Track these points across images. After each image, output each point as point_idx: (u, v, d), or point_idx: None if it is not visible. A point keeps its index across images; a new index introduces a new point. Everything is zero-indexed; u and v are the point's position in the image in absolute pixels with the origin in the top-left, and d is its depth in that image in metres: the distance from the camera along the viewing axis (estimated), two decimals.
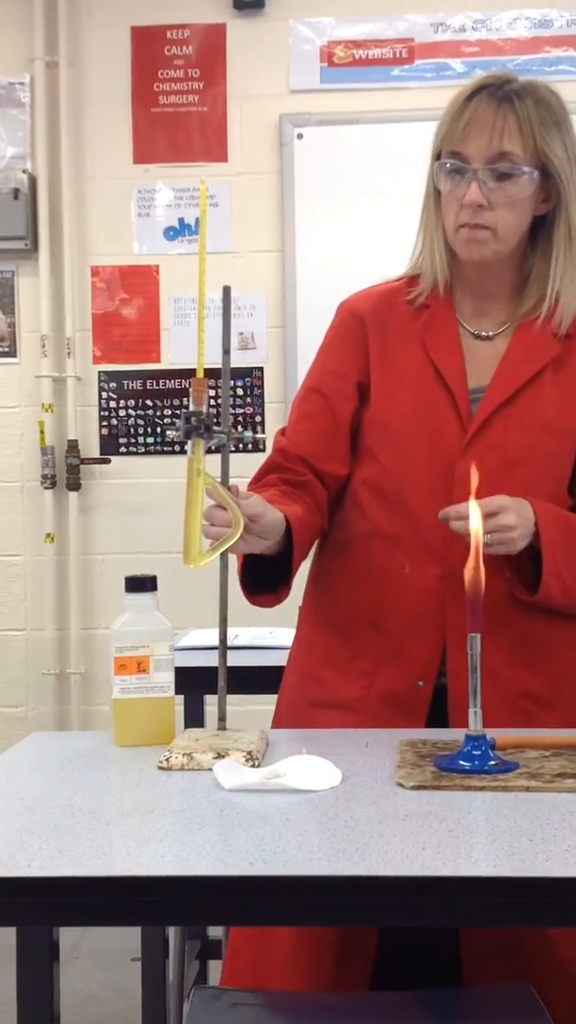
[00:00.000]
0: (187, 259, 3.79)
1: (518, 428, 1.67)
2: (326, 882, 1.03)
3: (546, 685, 1.68)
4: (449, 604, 1.64)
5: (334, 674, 1.69)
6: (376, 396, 1.73)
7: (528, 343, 1.70)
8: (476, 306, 1.74)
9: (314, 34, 3.76)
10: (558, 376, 1.70)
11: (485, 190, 1.63)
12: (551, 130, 1.66)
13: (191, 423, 1.43)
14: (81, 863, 1.06)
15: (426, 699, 1.65)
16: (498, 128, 1.63)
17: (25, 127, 3.82)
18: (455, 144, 1.65)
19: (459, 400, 1.68)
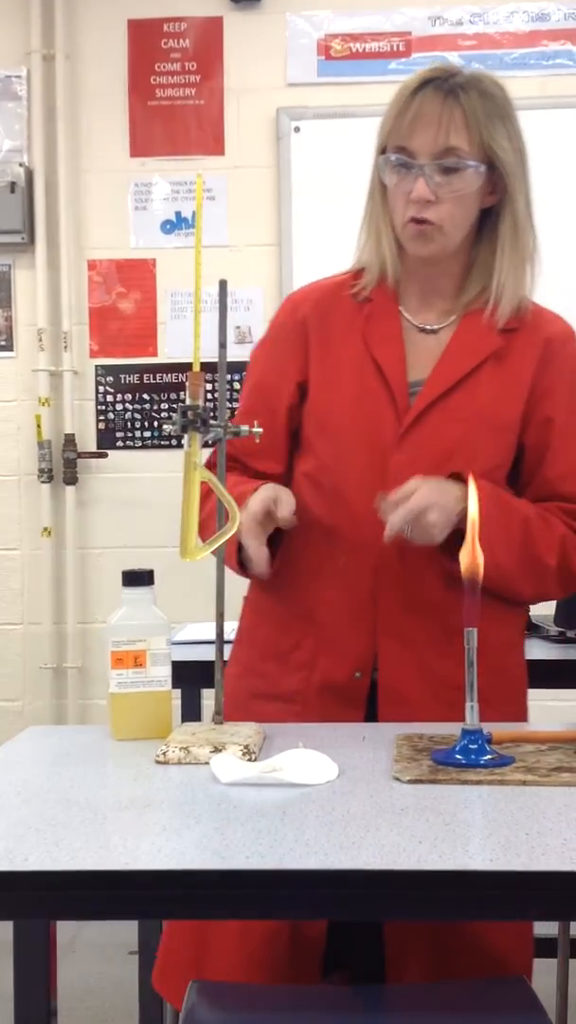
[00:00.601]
0: (184, 253, 3.78)
1: (454, 420, 1.67)
2: (323, 876, 1.03)
3: (485, 680, 1.68)
4: (381, 596, 1.66)
5: (275, 666, 1.70)
6: (315, 389, 1.73)
7: (470, 336, 1.71)
8: (422, 299, 1.75)
9: (311, 27, 3.75)
10: (498, 369, 1.70)
11: (432, 185, 1.64)
12: (496, 123, 1.66)
13: (187, 417, 1.43)
14: (78, 857, 1.06)
15: (364, 689, 1.67)
16: (444, 123, 1.63)
17: (22, 120, 3.81)
18: (401, 139, 1.65)
19: (396, 393, 1.69)
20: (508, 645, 1.76)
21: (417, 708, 1.63)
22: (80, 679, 3.84)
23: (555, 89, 3.68)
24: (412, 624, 1.66)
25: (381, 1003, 1.49)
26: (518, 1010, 1.42)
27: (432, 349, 1.72)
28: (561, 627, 2.37)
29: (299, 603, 1.70)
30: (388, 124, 1.68)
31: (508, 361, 1.70)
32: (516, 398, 1.70)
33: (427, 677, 1.65)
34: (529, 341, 1.72)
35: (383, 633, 1.66)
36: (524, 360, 1.71)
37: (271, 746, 1.43)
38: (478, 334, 1.71)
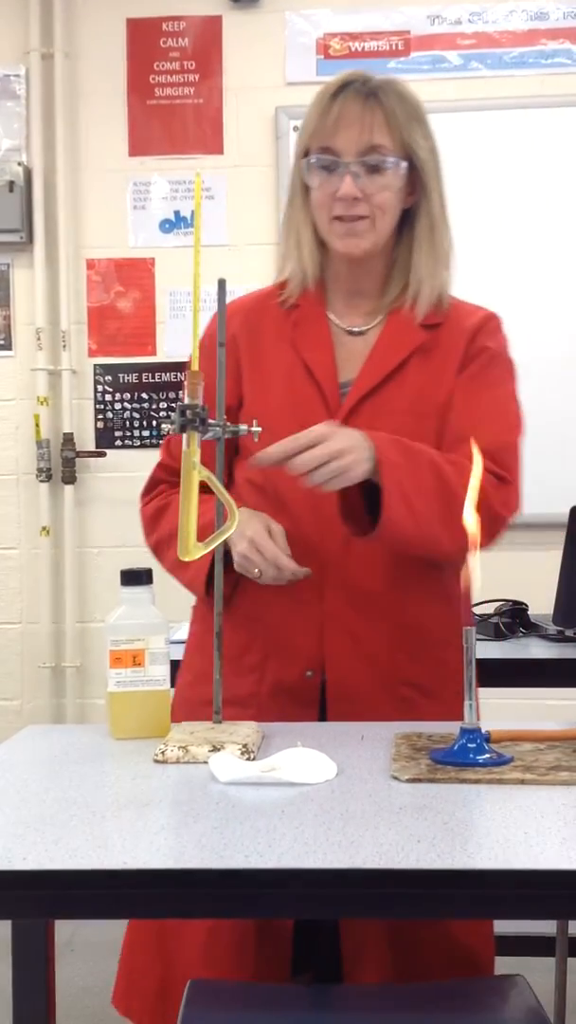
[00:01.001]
0: (183, 252, 3.78)
1: (383, 414, 1.68)
2: (321, 875, 1.03)
3: (428, 673, 1.70)
4: (327, 593, 1.67)
5: (226, 671, 1.66)
6: (249, 399, 1.75)
7: (395, 334, 1.74)
8: (347, 302, 1.78)
9: (310, 26, 3.75)
10: (424, 363, 1.73)
11: (359, 183, 1.67)
12: (414, 123, 1.71)
13: (186, 416, 1.43)
14: (76, 856, 1.06)
15: (316, 688, 1.67)
16: (367, 122, 1.67)
17: (20, 119, 3.81)
18: (325, 139, 1.68)
19: (328, 394, 1.71)
20: (453, 638, 1.76)
21: (367, 704, 1.65)
22: (78, 678, 3.84)
23: (554, 88, 3.68)
24: (359, 620, 1.67)
25: (380, 1001, 1.49)
26: (517, 1009, 1.42)
27: (361, 350, 1.75)
28: (559, 626, 2.37)
29: (246, 607, 1.70)
30: (310, 127, 1.71)
31: (434, 354, 1.74)
32: (442, 386, 1.72)
33: (376, 672, 1.67)
34: (453, 333, 1.75)
35: (330, 630, 1.67)
36: (450, 352, 1.74)
37: (269, 745, 1.43)
38: (403, 331, 1.74)
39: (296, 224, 1.76)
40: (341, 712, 1.65)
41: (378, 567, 1.66)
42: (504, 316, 1.83)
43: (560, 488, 3.26)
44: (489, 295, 1.87)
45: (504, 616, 2.42)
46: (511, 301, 3.64)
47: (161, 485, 1.80)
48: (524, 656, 2.28)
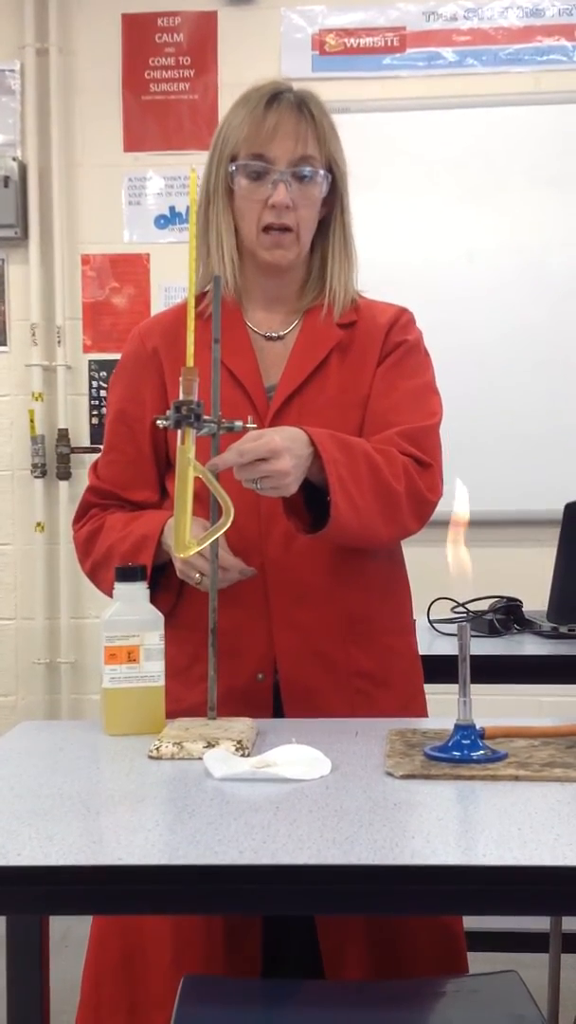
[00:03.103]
0: (178, 247, 3.77)
1: (309, 413, 1.69)
2: (316, 871, 1.03)
3: (378, 663, 1.71)
4: (272, 593, 1.67)
5: (174, 684, 1.63)
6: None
7: (313, 335, 1.77)
8: (265, 308, 1.80)
9: (305, 22, 3.75)
10: (343, 360, 1.76)
11: (290, 192, 1.69)
12: (334, 136, 1.75)
13: (181, 412, 1.43)
14: (71, 852, 1.06)
15: (268, 690, 1.67)
16: (302, 133, 1.70)
17: (15, 114, 3.80)
18: (259, 147, 1.70)
19: (255, 397, 1.72)
20: (400, 627, 1.79)
21: (321, 700, 1.65)
22: (73, 674, 3.84)
23: (549, 85, 3.68)
24: (306, 615, 1.67)
25: (373, 997, 1.49)
26: (510, 1004, 1.43)
27: (281, 354, 1.77)
28: (554, 623, 2.38)
29: (191, 618, 1.68)
30: (242, 132, 1.71)
31: (351, 350, 1.76)
32: (363, 380, 1.75)
33: (328, 667, 1.67)
34: (369, 329, 1.78)
35: (279, 629, 1.67)
36: (367, 347, 1.77)
37: (264, 741, 1.43)
38: (320, 331, 1.77)
39: (217, 229, 1.76)
40: (296, 711, 1.65)
41: (319, 562, 1.67)
42: (500, 312, 1.84)
43: (554, 485, 3.27)
44: (485, 291, 1.87)
45: (498, 613, 2.43)
46: (508, 297, 3.65)
47: (93, 509, 1.79)
48: (518, 653, 2.29)
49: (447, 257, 3.51)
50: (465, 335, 3.46)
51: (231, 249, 1.75)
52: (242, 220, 1.73)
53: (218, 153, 1.74)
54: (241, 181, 1.71)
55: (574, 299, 3.63)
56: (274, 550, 1.67)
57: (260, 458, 1.46)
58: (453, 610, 2.42)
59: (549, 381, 3.60)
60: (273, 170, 1.69)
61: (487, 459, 3.54)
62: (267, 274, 1.76)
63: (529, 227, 3.62)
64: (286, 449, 1.49)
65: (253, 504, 1.64)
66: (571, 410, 3.61)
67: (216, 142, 1.75)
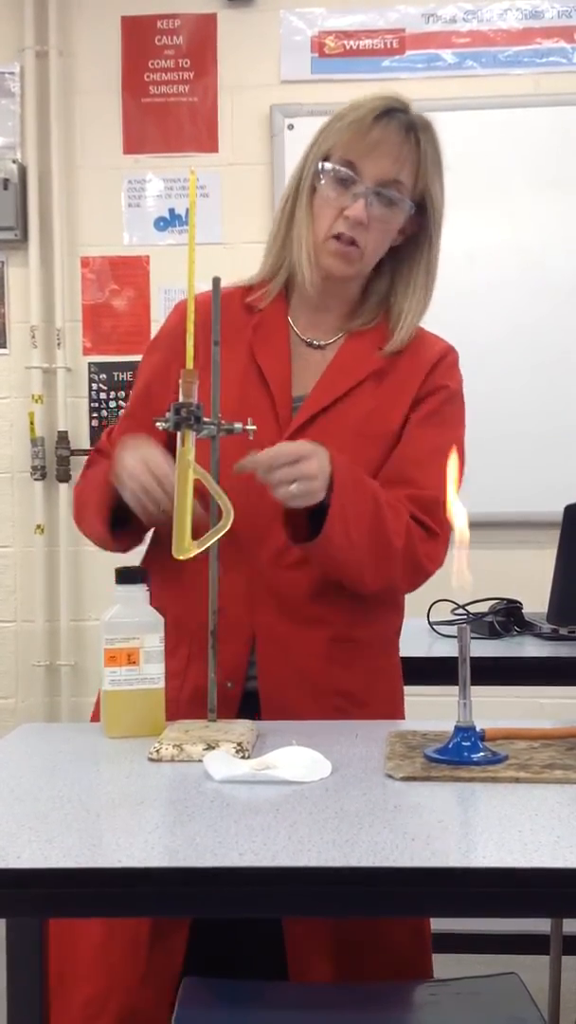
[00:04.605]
0: (178, 250, 3.78)
1: (332, 434, 1.67)
2: (316, 873, 1.03)
3: (361, 684, 1.70)
4: (258, 606, 1.66)
5: None
6: (199, 396, 1.71)
7: (354, 355, 1.74)
8: (311, 316, 1.78)
9: (305, 24, 3.75)
10: (378, 388, 1.73)
11: (369, 210, 1.67)
12: (437, 172, 1.73)
13: (181, 414, 1.43)
14: (71, 855, 1.06)
15: (236, 699, 1.66)
16: (402, 157, 1.68)
17: (15, 117, 3.80)
18: (354, 155, 1.68)
19: (279, 405, 1.70)
20: (384, 646, 1.78)
21: (298, 715, 1.64)
22: (73, 677, 3.84)
23: (548, 87, 3.68)
24: (290, 630, 1.66)
25: (372, 999, 1.49)
26: (511, 1006, 1.42)
27: (317, 364, 1.75)
28: (554, 624, 2.38)
29: (175, 612, 1.66)
30: (342, 137, 1.69)
31: (389, 380, 1.74)
32: (394, 414, 1.72)
33: (306, 684, 1.66)
34: (413, 362, 1.76)
35: (261, 641, 1.66)
36: (406, 382, 1.74)
37: (264, 743, 1.43)
38: (362, 354, 1.75)
39: (297, 223, 1.74)
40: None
41: (308, 579, 1.65)
42: (500, 313, 1.83)
43: (554, 486, 3.27)
44: (485, 291, 1.87)
45: (498, 615, 2.43)
46: (508, 298, 3.66)
47: (93, 466, 1.77)
48: (518, 655, 2.29)
49: (447, 257, 3.50)
50: (465, 335, 3.44)
51: (309, 244, 1.73)
52: (315, 221, 1.71)
53: (315, 147, 1.72)
54: (326, 183, 1.69)
55: (574, 299, 3.63)
56: (265, 561, 1.66)
57: (292, 460, 1.51)
58: (453, 612, 2.42)
59: (549, 381, 3.60)
60: (360, 183, 1.67)
61: (487, 460, 3.54)
62: (322, 280, 1.74)
63: (529, 228, 3.62)
64: (314, 454, 1.53)
65: (252, 512, 1.63)
66: (571, 411, 3.61)
67: (317, 136, 1.73)
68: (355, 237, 1.68)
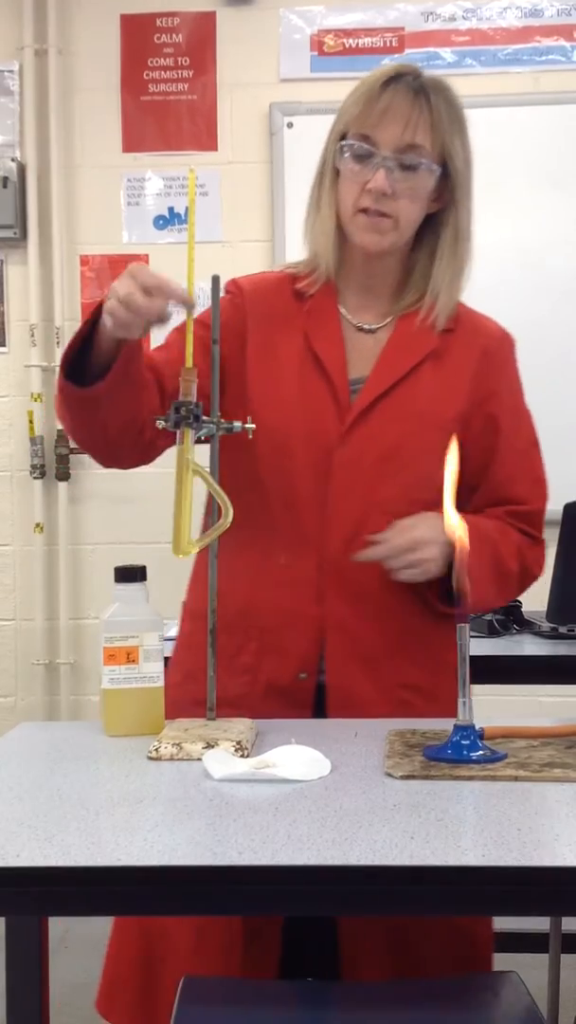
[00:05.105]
0: (177, 248, 3.77)
1: (396, 418, 1.67)
2: (315, 872, 1.03)
3: (427, 677, 1.69)
4: (327, 595, 1.65)
5: (217, 671, 1.67)
6: (255, 384, 1.70)
7: (408, 336, 1.72)
8: (359, 299, 1.75)
9: (304, 23, 3.75)
10: (437, 368, 1.71)
11: (391, 179, 1.64)
12: (456, 130, 1.68)
13: (180, 413, 1.43)
14: (70, 853, 1.06)
15: (310, 690, 1.65)
16: (413, 120, 1.64)
17: (14, 115, 3.80)
18: (367, 128, 1.65)
19: (338, 390, 1.68)
20: (447, 640, 1.76)
21: (366, 708, 1.63)
22: (72, 675, 3.84)
23: (548, 85, 3.68)
24: (359, 622, 1.65)
25: (373, 999, 1.49)
26: (510, 1005, 1.42)
27: (370, 348, 1.73)
28: (553, 623, 2.38)
29: (241, 606, 1.67)
30: (353, 111, 1.67)
31: (446, 360, 1.72)
32: (456, 397, 1.71)
33: (375, 676, 1.66)
34: (467, 342, 1.74)
35: (330, 632, 1.65)
36: (463, 360, 1.73)
37: (264, 742, 1.43)
38: (416, 334, 1.72)
39: (321, 207, 1.73)
40: (341, 716, 1.64)
41: (377, 569, 1.63)
42: (500, 312, 1.83)
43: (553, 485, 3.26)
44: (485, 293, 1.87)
45: (498, 613, 2.43)
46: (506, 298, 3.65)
47: None
48: (518, 653, 2.29)
49: None
50: None
51: (329, 228, 1.71)
52: (342, 200, 1.69)
53: (333, 130, 1.71)
54: (345, 161, 1.67)
55: (574, 299, 3.63)
56: (333, 549, 1.64)
57: (411, 547, 1.57)
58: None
59: (549, 381, 3.59)
60: (377, 154, 1.64)
61: None
62: (363, 260, 1.72)
63: (529, 227, 3.62)
64: (432, 540, 1.57)
65: (320, 505, 1.62)
66: (571, 410, 3.60)
67: (336, 118, 1.71)
68: (382, 209, 1.65)
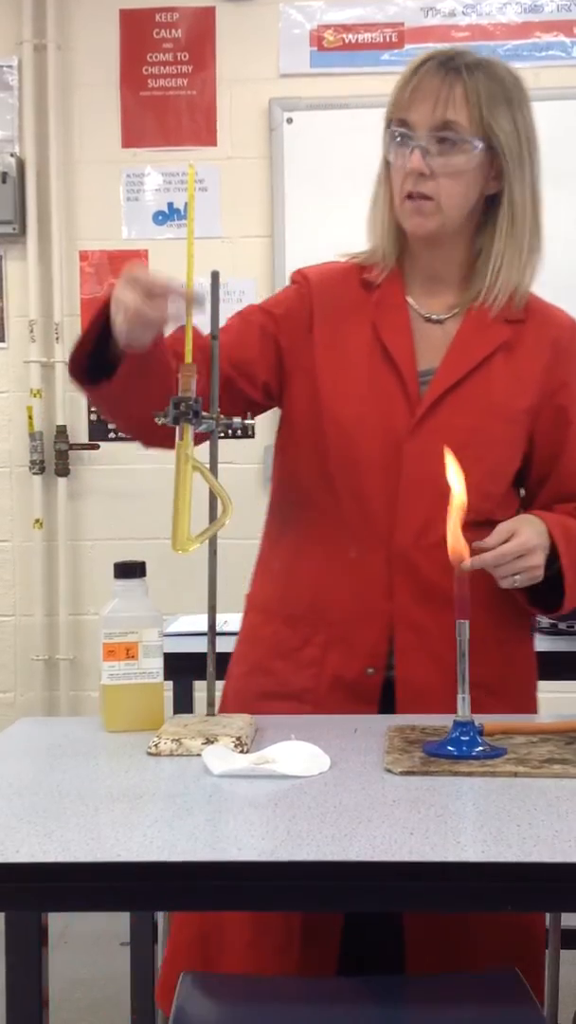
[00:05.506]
0: (176, 244, 3.77)
1: (466, 411, 1.65)
2: (314, 868, 1.03)
3: (493, 672, 1.67)
4: (396, 589, 1.63)
5: (283, 664, 1.66)
6: (324, 376, 1.69)
7: (479, 327, 1.69)
8: (426, 288, 1.73)
9: (304, 18, 3.74)
10: (509, 360, 1.68)
11: (428, 159, 1.61)
12: (500, 105, 1.64)
13: (180, 409, 1.43)
14: (70, 849, 1.06)
15: (377, 686, 1.64)
16: (443, 96, 1.61)
17: (13, 110, 3.79)
18: (402, 111, 1.64)
19: (408, 381, 1.66)
20: (520, 637, 1.75)
21: (435, 703, 1.60)
22: (72, 671, 3.84)
23: (548, 80, 3.67)
24: (428, 617, 1.63)
25: (373, 995, 1.49)
26: (510, 1002, 1.43)
27: (439, 339, 1.70)
28: (553, 619, 2.37)
29: (309, 599, 1.66)
30: (392, 98, 1.66)
31: (517, 352, 1.69)
32: (528, 389, 1.68)
33: (444, 672, 1.63)
34: (538, 334, 1.71)
35: (400, 627, 1.63)
36: (535, 351, 1.70)
37: (263, 738, 1.43)
38: (486, 325, 1.69)
39: (378, 199, 1.72)
40: (411, 711, 1.62)
41: (446, 563, 1.57)
42: None
43: None
44: None
45: None
46: None
47: None
48: None
49: None
50: None
51: (387, 220, 1.70)
52: (393, 189, 1.67)
53: (384, 120, 1.69)
54: (389, 148, 1.66)
55: (572, 294, 3.62)
56: (402, 543, 1.62)
57: (519, 554, 1.55)
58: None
59: None
60: (415, 136, 1.62)
61: None
62: (422, 248, 1.70)
63: None
64: (538, 546, 1.56)
65: (389, 499, 1.61)
66: None
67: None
68: (422, 191, 1.63)
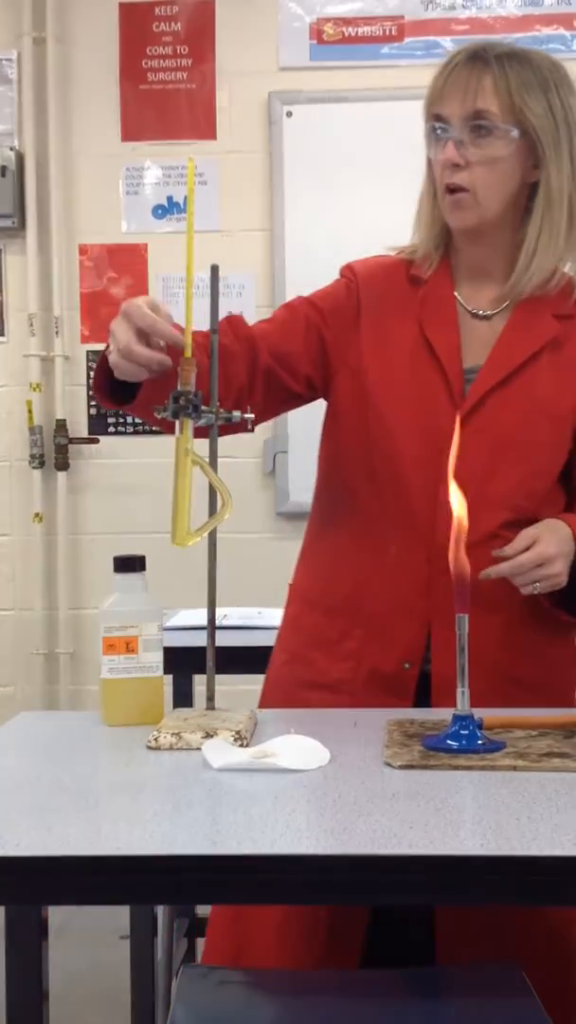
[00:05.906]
0: (176, 237, 3.77)
1: (511, 410, 1.64)
2: (314, 861, 1.03)
3: (535, 671, 1.67)
4: (435, 586, 1.63)
5: (322, 655, 1.68)
6: (369, 372, 1.69)
7: (526, 323, 1.68)
8: (473, 282, 1.72)
9: (303, 11, 3.73)
10: (555, 358, 1.67)
11: (462, 149, 1.62)
12: (533, 90, 1.63)
13: (179, 403, 1.43)
14: (70, 842, 1.06)
15: (413, 680, 1.64)
16: (472, 86, 1.61)
17: (12, 104, 3.79)
18: (436, 106, 1.65)
19: (452, 379, 1.65)
20: (559, 633, 1.74)
21: (472, 700, 1.60)
22: (72, 665, 3.84)
23: None
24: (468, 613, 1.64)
25: (375, 989, 1.49)
26: (510, 996, 1.43)
27: (485, 335, 1.69)
28: None
29: (349, 592, 1.67)
30: (427, 94, 1.66)
31: (566, 349, 1.68)
32: (574, 388, 1.67)
33: (481, 668, 1.59)
34: None
35: (437, 623, 1.63)
36: None
37: (263, 732, 1.43)
38: (534, 321, 1.67)
39: (423, 195, 1.72)
40: (444, 705, 1.59)
41: (486, 562, 1.59)
42: None
43: None
44: None
45: None
46: None
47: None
48: None
49: None
50: None
51: (430, 215, 1.70)
52: (436, 184, 1.68)
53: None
54: (429, 144, 1.67)
55: None
56: (443, 542, 1.58)
57: (539, 563, 1.54)
58: None
59: None
60: (450, 128, 1.62)
61: None
62: (464, 242, 1.70)
63: None
64: (558, 554, 1.55)
65: (429, 493, 1.61)
66: None
67: None
68: (459, 182, 1.63)
